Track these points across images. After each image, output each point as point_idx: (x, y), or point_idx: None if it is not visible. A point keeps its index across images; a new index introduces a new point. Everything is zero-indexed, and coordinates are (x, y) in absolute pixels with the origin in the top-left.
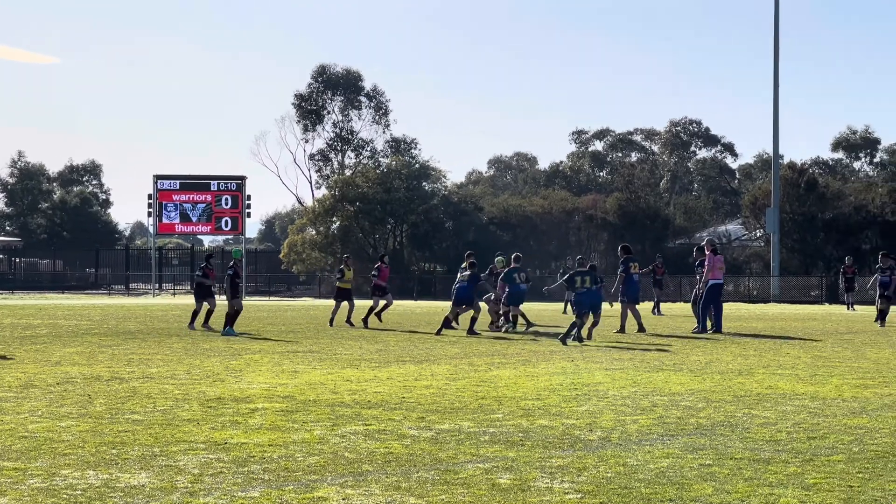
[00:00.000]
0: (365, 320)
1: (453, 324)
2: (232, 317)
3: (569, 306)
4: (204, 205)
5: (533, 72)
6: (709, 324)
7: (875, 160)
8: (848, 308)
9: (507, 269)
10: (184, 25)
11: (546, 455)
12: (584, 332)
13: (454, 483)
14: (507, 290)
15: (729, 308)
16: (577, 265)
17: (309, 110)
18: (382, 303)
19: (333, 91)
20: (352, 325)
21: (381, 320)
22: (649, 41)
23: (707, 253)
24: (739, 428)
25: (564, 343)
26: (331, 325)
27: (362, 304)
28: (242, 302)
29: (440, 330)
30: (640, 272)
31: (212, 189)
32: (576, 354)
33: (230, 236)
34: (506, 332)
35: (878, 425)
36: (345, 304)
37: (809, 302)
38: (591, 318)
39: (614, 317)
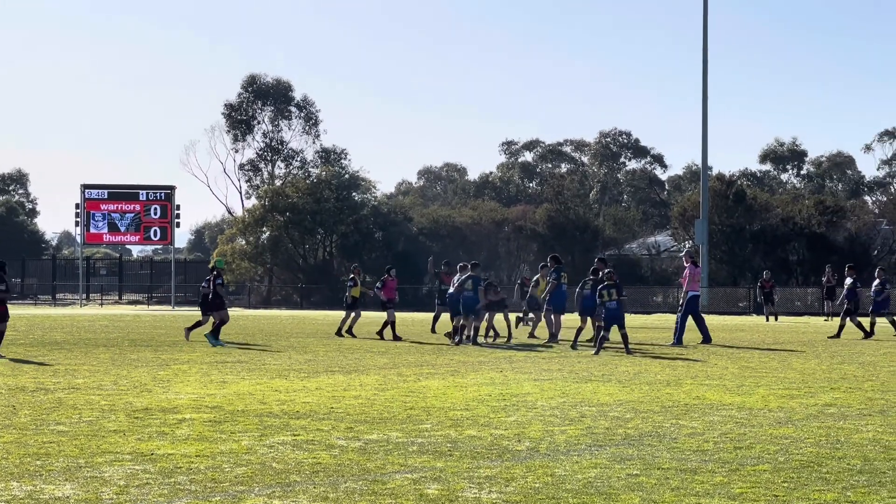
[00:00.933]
0: (380, 332)
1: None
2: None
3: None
4: (132, 214)
5: (463, 82)
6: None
7: (802, 172)
8: (767, 319)
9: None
10: (112, 33)
11: (474, 465)
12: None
13: (382, 493)
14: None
15: (657, 319)
16: (605, 278)
17: (239, 120)
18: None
19: (263, 101)
20: (353, 336)
21: (353, 335)
22: (579, 52)
23: (687, 265)
24: (667, 438)
25: (598, 353)
26: (348, 334)
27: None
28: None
29: (460, 341)
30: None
31: (140, 199)
32: (504, 365)
33: (159, 246)
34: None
35: (803, 435)
36: (352, 314)
37: (737, 313)
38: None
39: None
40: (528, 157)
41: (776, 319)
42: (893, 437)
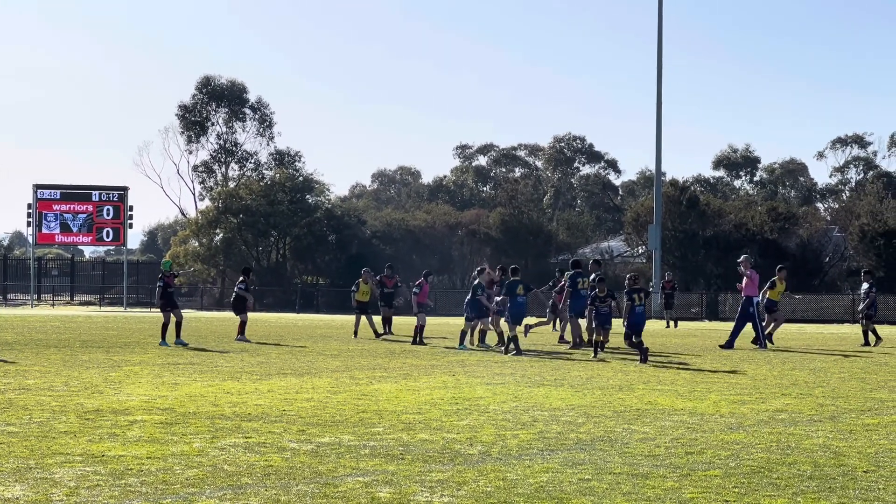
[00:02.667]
0: (414, 340)
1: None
2: (168, 326)
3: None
4: (85, 215)
5: (418, 86)
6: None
7: (755, 179)
8: (668, 326)
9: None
10: (67, 32)
11: (426, 469)
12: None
13: (333, 496)
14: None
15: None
16: (631, 282)
17: (193, 121)
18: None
19: (218, 103)
20: (378, 335)
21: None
22: (534, 57)
23: (749, 270)
24: (619, 443)
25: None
26: (355, 336)
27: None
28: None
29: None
30: (542, 290)
31: (93, 199)
32: (457, 369)
33: (112, 247)
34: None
35: (754, 441)
36: (363, 317)
37: (690, 318)
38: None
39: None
40: (482, 160)
41: (675, 325)
42: (843, 443)
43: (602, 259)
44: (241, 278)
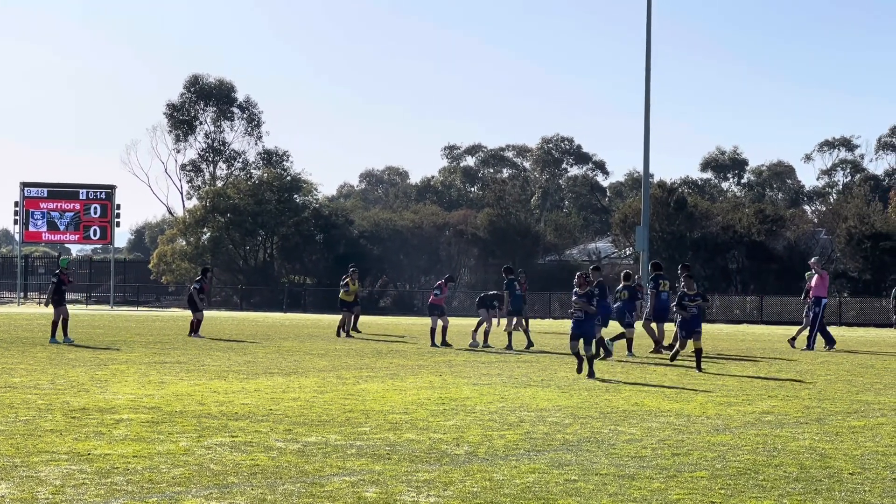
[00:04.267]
0: (443, 342)
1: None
2: (58, 324)
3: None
4: (72, 213)
5: (406, 86)
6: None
7: (743, 181)
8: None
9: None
10: (56, 31)
11: (412, 469)
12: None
13: (320, 496)
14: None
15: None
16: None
17: (181, 120)
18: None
19: (206, 101)
20: (356, 333)
21: (351, 335)
22: (523, 58)
23: (821, 271)
24: (605, 444)
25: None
26: (338, 335)
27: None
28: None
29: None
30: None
31: (80, 198)
32: (444, 369)
33: (99, 245)
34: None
35: (740, 442)
36: (346, 313)
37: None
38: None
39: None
40: (470, 161)
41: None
42: (829, 446)
43: (590, 260)
44: (198, 277)
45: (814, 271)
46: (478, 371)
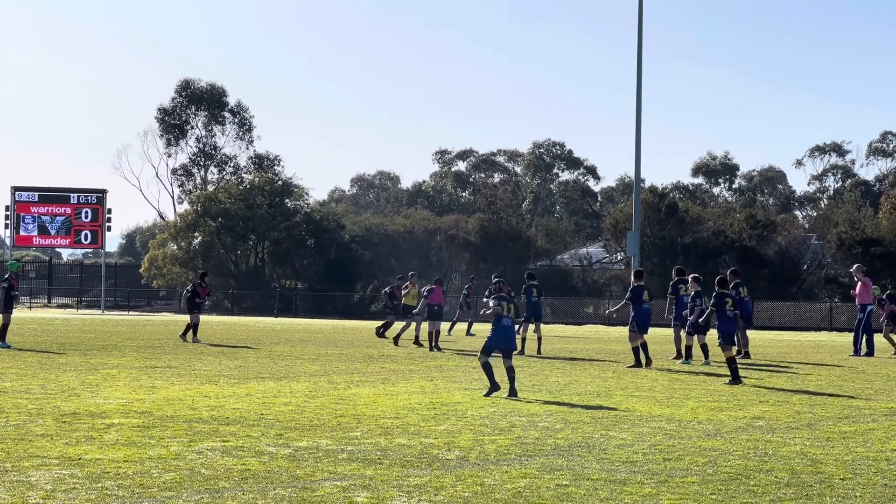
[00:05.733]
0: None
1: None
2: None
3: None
4: (63, 217)
5: (397, 91)
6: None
7: (734, 186)
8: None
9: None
10: (45, 34)
11: (404, 474)
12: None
13: (311, 501)
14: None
15: (588, 330)
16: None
17: (172, 125)
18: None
19: (197, 106)
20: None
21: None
22: (514, 62)
23: (863, 278)
24: (596, 449)
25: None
26: (418, 344)
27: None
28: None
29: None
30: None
31: (72, 202)
32: (435, 374)
33: (90, 250)
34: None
35: (731, 448)
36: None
37: (667, 325)
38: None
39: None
40: (461, 166)
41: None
42: (820, 451)
43: (581, 265)
44: (198, 281)
45: (856, 279)
46: (469, 376)
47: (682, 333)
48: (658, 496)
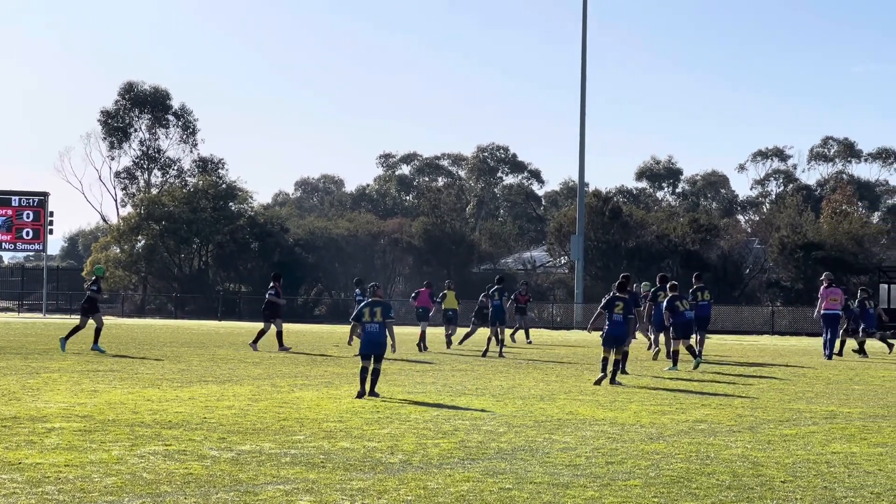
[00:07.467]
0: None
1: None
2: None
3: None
4: (4, 219)
5: (341, 94)
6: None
7: (677, 190)
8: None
9: (669, 297)
10: None
11: (347, 477)
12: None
13: None
14: (671, 320)
15: (532, 334)
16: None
17: (115, 127)
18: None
19: (141, 109)
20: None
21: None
22: (458, 66)
23: (833, 286)
24: (540, 452)
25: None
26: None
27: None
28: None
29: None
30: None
31: (13, 204)
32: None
33: (31, 253)
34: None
35: (673, 451)
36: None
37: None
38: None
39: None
40: (405, 169)
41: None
42: (762, 453)
43: (525, 269)
44: (271, 284)
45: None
46: (412, 380)
47: (664, 336)
48: (601, 499)
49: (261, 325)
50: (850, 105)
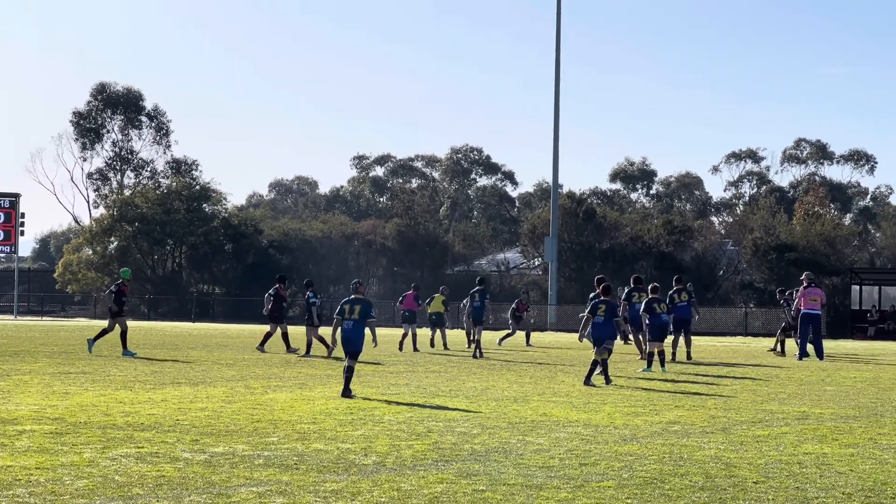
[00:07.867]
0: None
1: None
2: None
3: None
4: None
5: (315, 96)
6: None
7: (651, 192)
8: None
9: (647, 299)
10: None
11: (320, 479)
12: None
13: None
14: (648, 321)
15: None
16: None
17: (87, 128)
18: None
19: (113, 110)
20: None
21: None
22: (432, 67)
23: (811, 286)
24: (513, 454)
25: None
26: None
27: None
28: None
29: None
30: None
31: None
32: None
33: (2, 254)
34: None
35: (647, 452)
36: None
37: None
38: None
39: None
40: (379, 171)
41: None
42: (735, 454)
43: (498, 270)
44: (275, 285)
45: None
46: (386, 381)
47: (641, 337)
48: (574, 501)
49: (236, 326)
50: (822, 107)
